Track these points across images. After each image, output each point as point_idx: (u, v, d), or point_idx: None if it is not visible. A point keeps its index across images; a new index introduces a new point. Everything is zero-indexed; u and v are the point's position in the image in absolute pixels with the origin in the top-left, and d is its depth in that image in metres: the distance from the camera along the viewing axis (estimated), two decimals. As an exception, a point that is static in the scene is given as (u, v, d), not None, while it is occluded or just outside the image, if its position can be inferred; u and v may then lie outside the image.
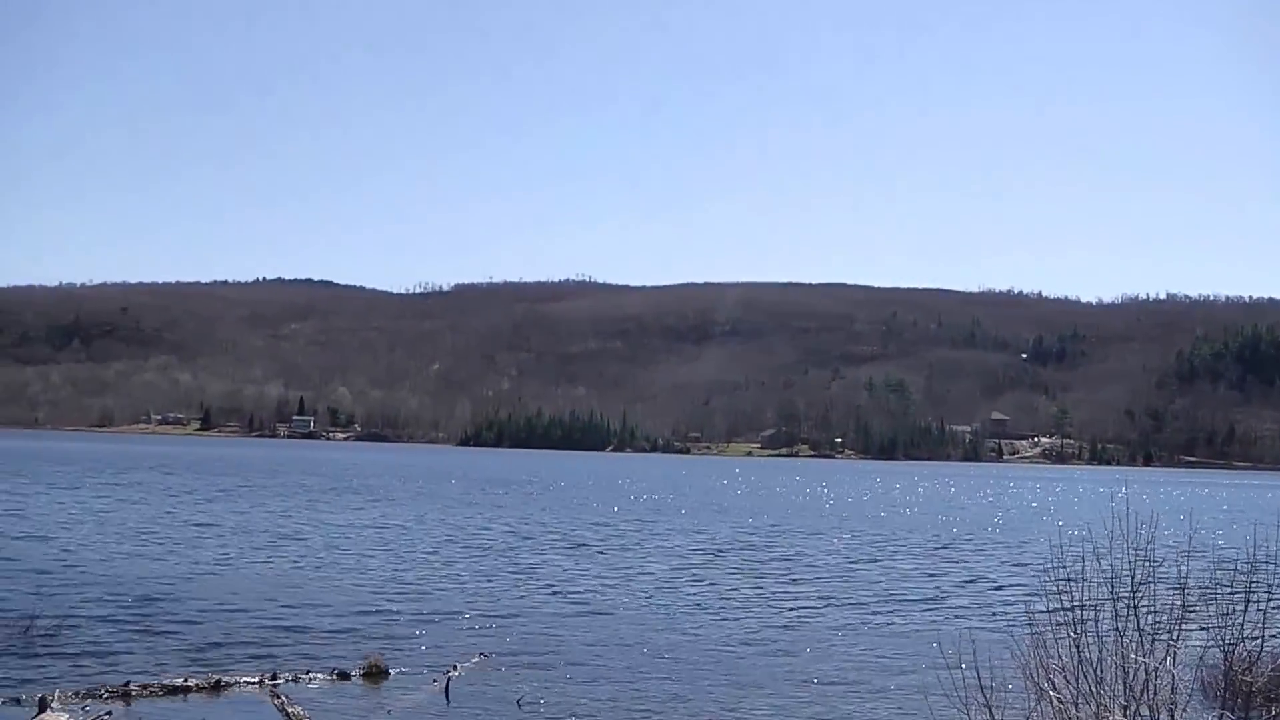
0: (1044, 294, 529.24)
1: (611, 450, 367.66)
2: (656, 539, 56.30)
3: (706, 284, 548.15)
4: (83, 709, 18.20)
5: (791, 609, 33.45)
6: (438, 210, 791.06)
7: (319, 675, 22.15)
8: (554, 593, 35.14)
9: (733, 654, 26.00)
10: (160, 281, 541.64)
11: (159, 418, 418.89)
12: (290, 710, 18.82)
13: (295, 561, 40.42)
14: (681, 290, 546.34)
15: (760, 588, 38.22)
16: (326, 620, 28.43)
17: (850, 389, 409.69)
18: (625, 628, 28.87)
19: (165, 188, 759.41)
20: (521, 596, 34.02)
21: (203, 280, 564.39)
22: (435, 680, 21.99)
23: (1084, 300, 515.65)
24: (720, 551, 50.92)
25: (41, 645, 23.70)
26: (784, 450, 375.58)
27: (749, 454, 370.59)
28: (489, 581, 37.23)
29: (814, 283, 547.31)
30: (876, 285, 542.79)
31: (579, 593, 35.29)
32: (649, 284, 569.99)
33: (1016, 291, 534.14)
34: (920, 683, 22.19)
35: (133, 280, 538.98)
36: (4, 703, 18.73)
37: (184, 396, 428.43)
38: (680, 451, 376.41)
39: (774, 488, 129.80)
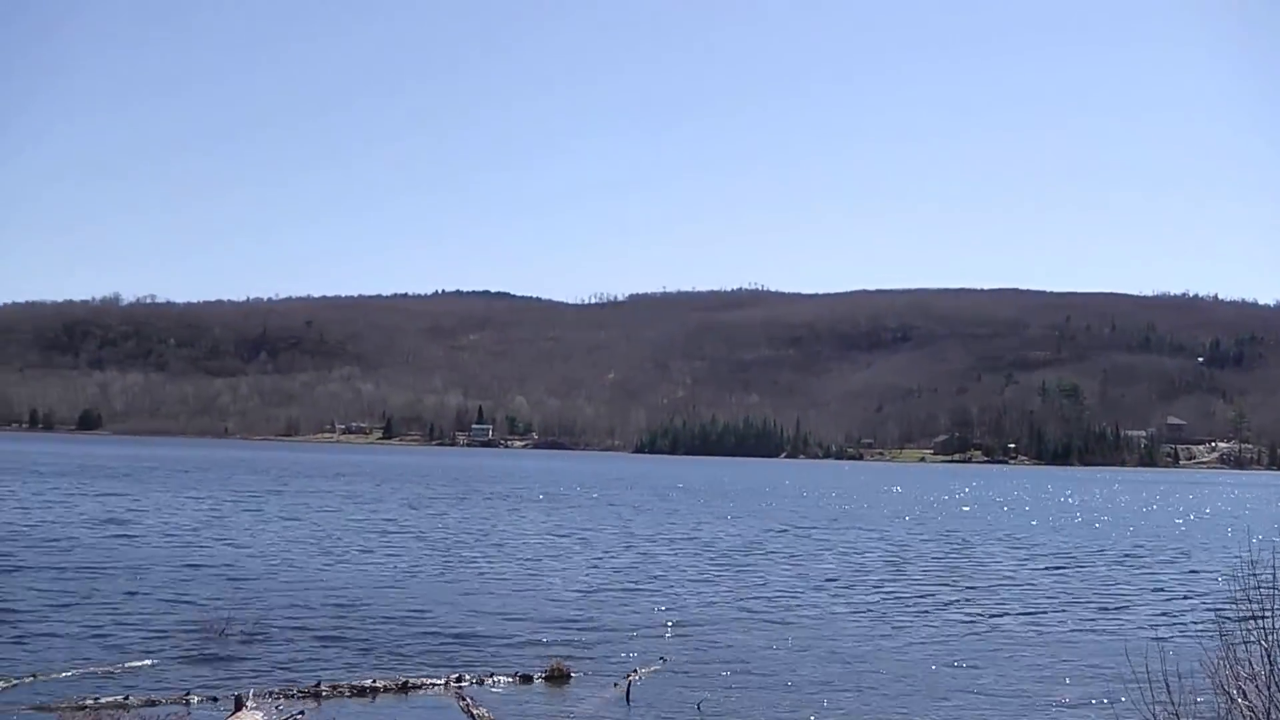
0: (1220, 296, 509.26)
1: (784, 457, 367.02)
2: (836, 546, 55.75)
3: (878, 291, 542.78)
4: (276, 708, 18.72)
5: (975, 617, 32.85)
6: (613, 221, 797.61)
7: (502, 678, 22.46)
8: (734, 599, 34.99)
9: (916, 664, 25.60)
10: (343, 295, 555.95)
11: (343, 427, 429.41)
12: (475, 712, 19.19)
13: (479, 568, 40.94)
14: (854, 297, 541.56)
15: (942, 596, 37.62)
16: (509, 625, 28.79)
17: (1024, 394, 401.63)
18: (806, 636, 28.63)
19: (347, 205, 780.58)
20: (701, 603, 33.99)
21: (384, 293, 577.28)
22: (616, 684, 22.06)
23: (1261, 302, 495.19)
24: (901, 558, 50.31)
25: (237, 647, 24.51)
26: (957, 456, 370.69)
27: (922, 460, 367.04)
28: (670, 587, 37.33)
29: (986, 288, 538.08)
30: (1050, 290, 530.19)
31: (759, 599, 35.09)
32: (821, 291, 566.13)
33: (1192, 294, 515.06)
34: (1107, 692, 21.79)
35: (317, 295, 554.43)
36: (202, 701, 19.34)
37: (366, 406, 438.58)
38: (853, 458, 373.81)
39: (949, 494, 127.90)
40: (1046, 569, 47.87)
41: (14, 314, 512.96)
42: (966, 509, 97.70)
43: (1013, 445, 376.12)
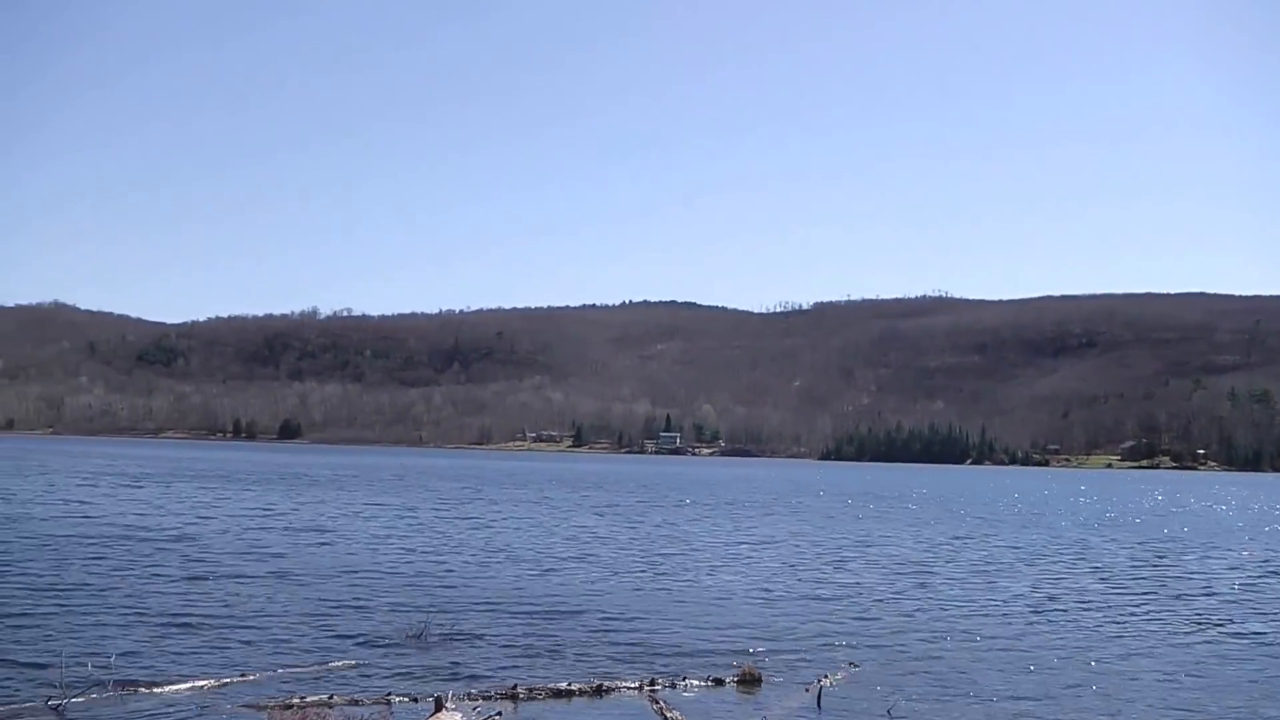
0: None
1: (970, 463, 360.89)
2: (1030, 553, 54.57)
3: (1064, 296, 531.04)
4: (474, 709, 19.01)
5: (1189, 631, 31.70)
6: (798, 230, 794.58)
7: (695, 682, 22.48)
8: (925, 607, 34.62)
9: (1123, 681, 24.83)
10: (533, 307, 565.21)
11: (533, 435, 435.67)
12: (669, 715, 19.33)
13: (669, 574, 41.07)
14: (1039, 303, 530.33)
15: (1151, 606, 36.48)
16: (701, 630, 28.81)
17: (1213, 399, 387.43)
18: (1000, 646, 28.15)
19: (535, 221, 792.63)
20: (892, 610, 33.63)
21: (573, 304, 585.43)
22: (807, 689, 22.00)
23: None
24: (1107, 567, 49.02)
25: (435, 649, 25.03)
26: (1144, 462, 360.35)
27: (1108, 466, 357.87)
28: (860, 593, 36.99)
29: (1173, 292, 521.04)
30: (1238, 294, 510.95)
31: (951, 608, 34.61)
32: (1006, 298, 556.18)
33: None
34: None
35: (507, 306, 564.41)
36: (403, 701, 19.77)
37: (557, 415, 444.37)
38: (1039, 464, 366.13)
39: (1140, 500, 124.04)
40: (1259, 577, 46.40)
41: (219, 328, 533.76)
42: (1160, 515, 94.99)
43: (1202, 451, 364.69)
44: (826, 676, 23.09)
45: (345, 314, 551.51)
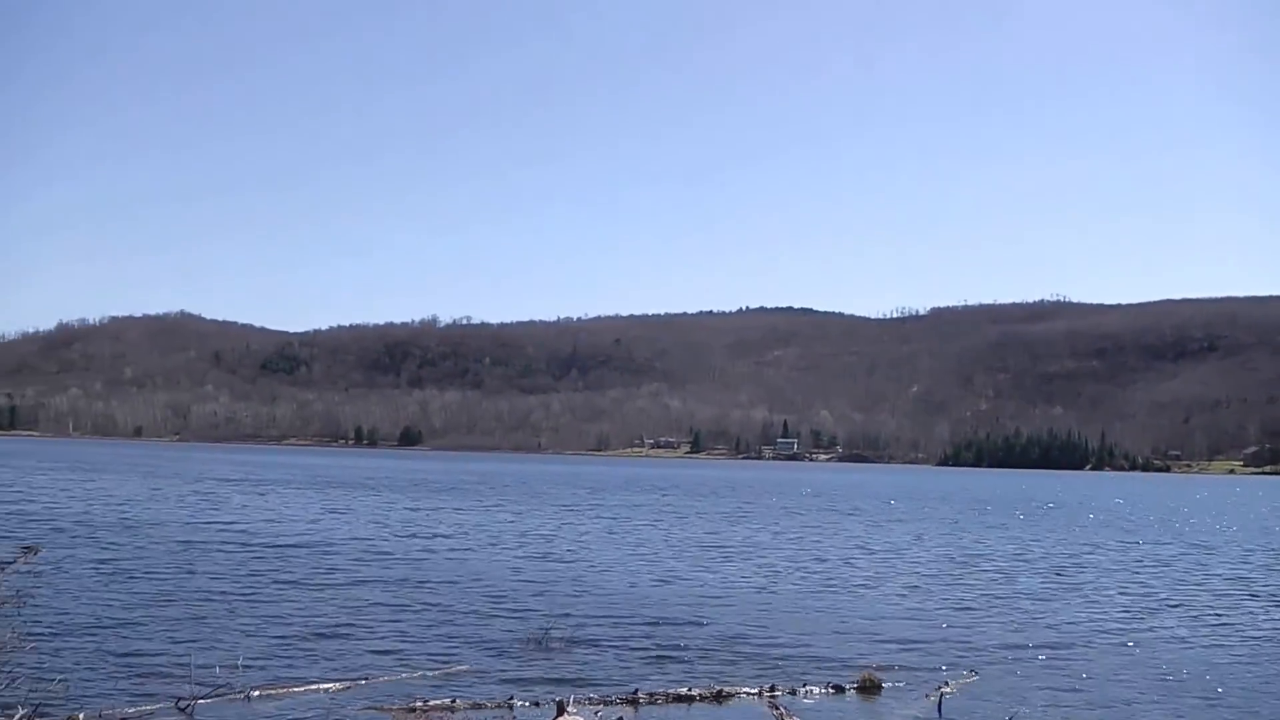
0: None
1: (1089, 469, 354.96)
2: (1159, 561, 53.51)
3: (1184, 300, 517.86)
4: (595, 714, 19.14)
5: None
6: (913, 235, 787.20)
7: (815, 689, 22.33)
8: (1048, 614, 34.01)
9: (1255, 692, 24.25)
10: (650, 314, 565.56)
11: (651, 441, 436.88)
12: None
13: (789, 580, 40.92)
14: (1158, 307, 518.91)
15: None
16: (820, 635, 28.67)
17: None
18: (1128, 655, 27.55)
19: (653, 227, 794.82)
20: (1016, 616, 33.19)
21: (689, 311, 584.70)
22: (928, 695, 21.85)
23: None
24: (1236, 576, 47.78)
25: (556, 654, 25.14)
26: (1268, 468, 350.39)
27: (1231, 472, 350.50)
28: (982, 601, 36.53)
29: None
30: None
31: (1078, 615, 33.95)
32: (1125, 301, 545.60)
33: None
34: None
35: (625, 313, 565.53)
36: (524, 705, 19.95)
37: (674, 421, 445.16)
38: (1160, 470, 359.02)
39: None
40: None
41: (341, 337, 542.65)
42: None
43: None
44: (948, 684, 22.85)
45: (465, 322, 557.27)
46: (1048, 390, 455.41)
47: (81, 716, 18.10)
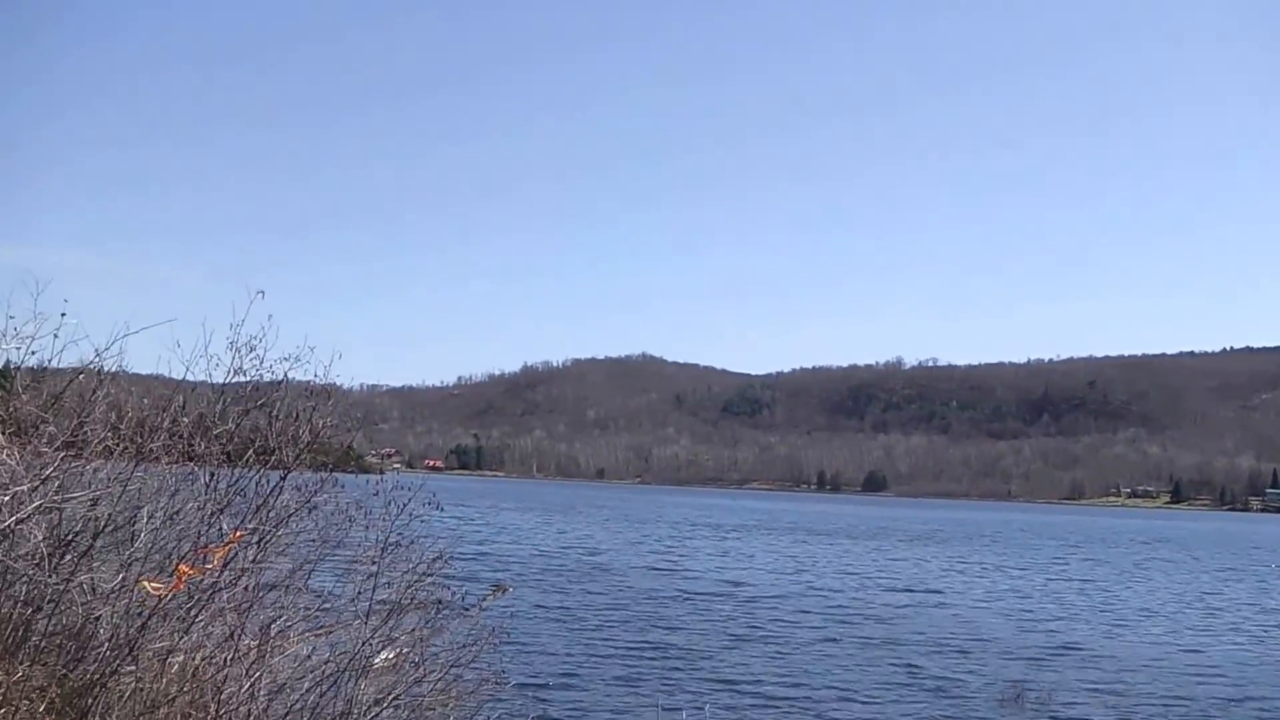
0: None
1: None
2: None
3: None
4: None
5: None
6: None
7: None
8: None
9: None
10: (1126, 354, 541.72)
11: (1128, 490, 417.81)
12: None
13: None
14: None
15: None
16: None
17: None
18: None
19: (1123, 265, 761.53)
20: None
21: (1169, 351, 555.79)
22: None
23: None
24: None
25: (1030, 712, 24.50)
26: None
27: None
28: None
29: None
30: None
31: None
32: None
33: None
34: None
35: (1099, 354, 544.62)
36: None
37: (1153, 469, 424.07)
38: None
39: None
40: None
41: (804, 379, 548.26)
42: None
43: None
44: None
45: (931, 364, 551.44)
46: None
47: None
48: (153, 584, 8.22)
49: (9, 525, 7.98)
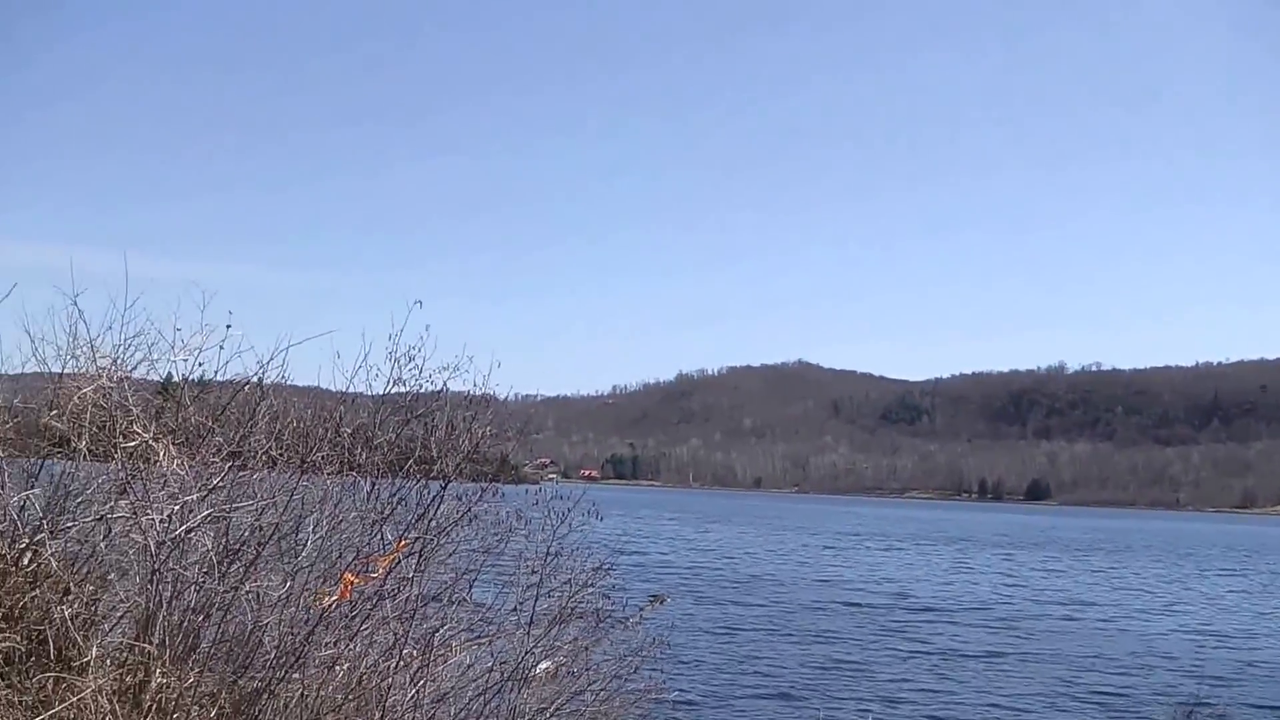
0: None
1: None
2: None
3: None
4: None
5: None
6: None
7: None
8: None
9: None
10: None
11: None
12: None
13: None
14: None
15: None
16: None
17: None
18: None
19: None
20: None
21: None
22: None
23: None
24: None
25: None
26: None
27: None
28: None
29: None
30: None
31: None
32: None
33: None
34: None
35: (1271, 356, 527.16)
36: None
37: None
38: None
39: None
40: None
41: (963, 385, 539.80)
42: None
43: None
44: None
45: (1095, 368, 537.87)
46: None
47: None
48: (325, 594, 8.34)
49: (180, 534, 8.11)
